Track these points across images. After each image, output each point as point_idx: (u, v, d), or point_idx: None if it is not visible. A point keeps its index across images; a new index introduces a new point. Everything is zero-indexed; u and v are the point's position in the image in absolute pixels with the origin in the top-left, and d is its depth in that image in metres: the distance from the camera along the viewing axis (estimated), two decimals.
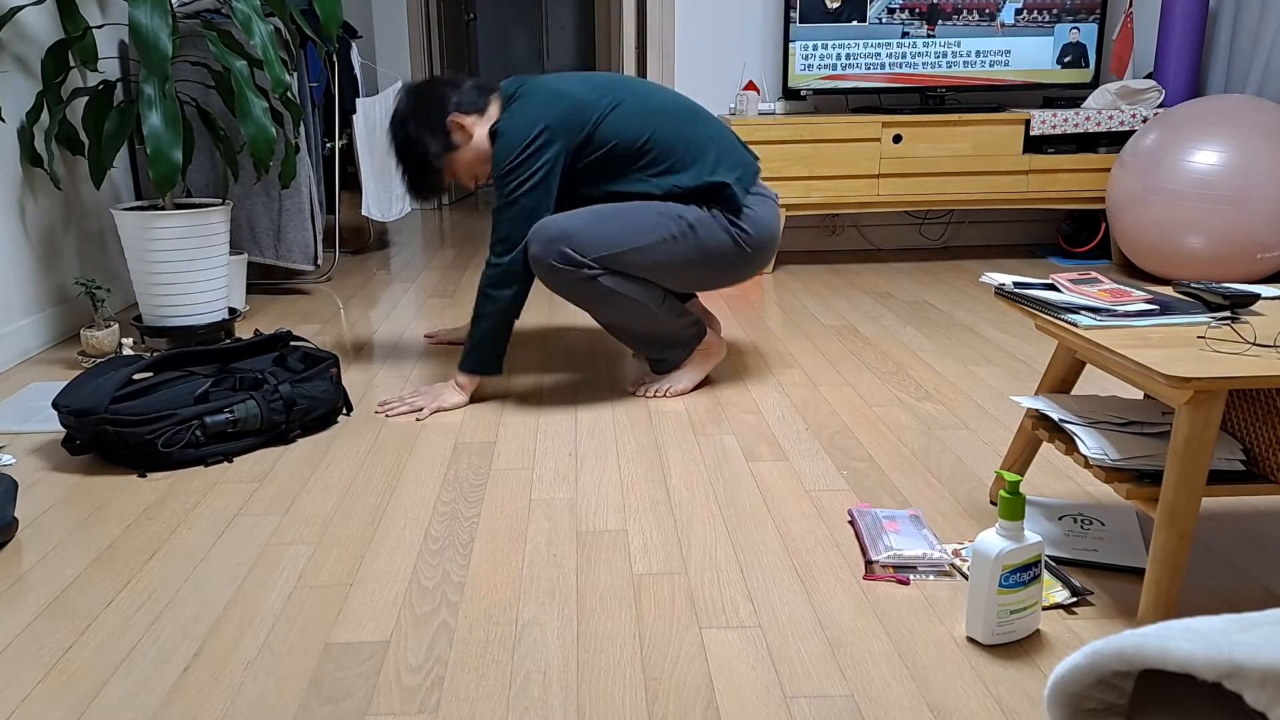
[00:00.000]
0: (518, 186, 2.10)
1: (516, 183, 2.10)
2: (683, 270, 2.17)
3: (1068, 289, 1.52)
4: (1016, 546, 1.24)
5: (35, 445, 2.03)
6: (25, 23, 2.69)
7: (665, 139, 2.15)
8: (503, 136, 2.12)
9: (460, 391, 2.21)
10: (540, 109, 2.12)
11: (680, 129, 2.17)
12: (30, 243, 2.67)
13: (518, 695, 1.19)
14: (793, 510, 1.68)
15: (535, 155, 2.10)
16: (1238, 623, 0.57)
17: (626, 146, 2.14)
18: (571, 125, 2.12)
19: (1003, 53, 3.68)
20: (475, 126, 2.22)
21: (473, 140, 2.22)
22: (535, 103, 2.14)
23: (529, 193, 2.10)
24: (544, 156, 2.10)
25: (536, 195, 2.10)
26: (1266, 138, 2.98)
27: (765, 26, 3.84)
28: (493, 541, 1.58)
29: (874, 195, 3.60)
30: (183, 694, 1.20)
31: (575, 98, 2.15)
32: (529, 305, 3.18)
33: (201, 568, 1.51)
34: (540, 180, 2.10)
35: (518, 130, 2.11)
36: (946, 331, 2.79)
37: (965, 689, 1.20)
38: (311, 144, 3.43)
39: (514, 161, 2.10)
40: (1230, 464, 1.35)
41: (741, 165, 2.21)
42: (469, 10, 6.07)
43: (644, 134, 2.15)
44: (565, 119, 2.12)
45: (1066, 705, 0.64)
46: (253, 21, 2.47)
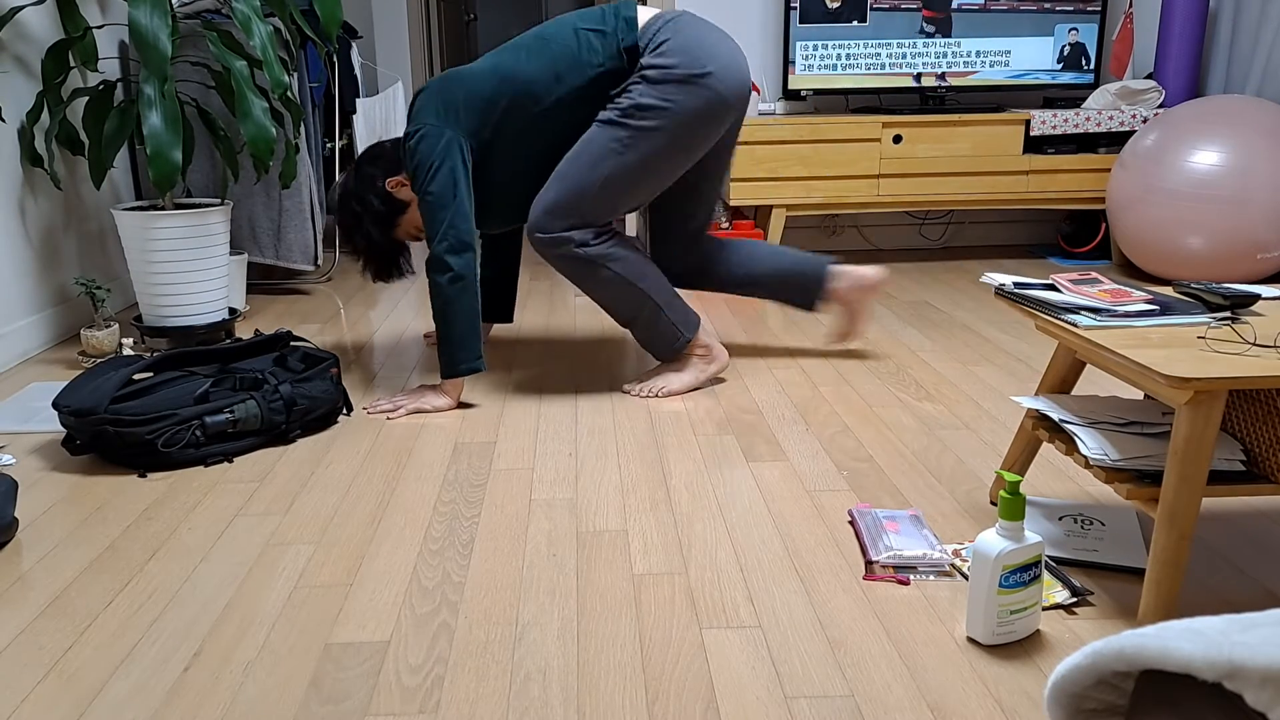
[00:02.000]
0: (422, 184, 2.13)
1: (421, 182, 2.14)
2: (669, 155, 2.14)
3: (1068, 289, 1.52)
4: (1016, 546, 1.24)
5: (35, 445, 2.03)
6: (25, 23, 2.69)
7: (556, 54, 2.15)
8: (406, 151, 2.18)
9: (444, 395, 2.20)
10: (425, 110, 2.18)
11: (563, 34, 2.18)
12: (30, 243, 2.67)
13: (518, 695, 1.19)
14: (793, 510, 1.68)
15: (427, 152, 2.12)
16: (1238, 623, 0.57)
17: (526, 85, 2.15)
18: (459, 106, 2.16)
19: (1003, 53, 3.68)
20: (407, 178, 2.27)
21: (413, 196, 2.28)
22: (422, 108, 2.19)
23: (431, 185, 2.12)
24: (436, 150, 2.12)
25: (440, 185, 2.11)
26: (1266, 138, 2.98)
27: (765, 26, 3.84)
28: (493, 541, 1.58)
29: (874, 195, 3.60)
30: (183, 694, 1.20)
31: (453, 81, 2.19)
32: (528, 306, 3.18)
33: (201, 568, 1.51)
34: (440, 170, 2.12)
35: (408, 138, 2.17)
36: (946, 331, 2.79)
37: (965, 689, 1.20)
38: (311, 144, 3.43)
39: (414, 165, 2.15)
40: (1230, 464, 1.35)
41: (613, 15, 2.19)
42: (469, 10, 6.07)
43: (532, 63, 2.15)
44: (446, 105, 2.16)
45: (1067, 705, 0.64)
46: (252, 22, 2.47)
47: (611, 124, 2.13)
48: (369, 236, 2.30)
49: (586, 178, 2.12)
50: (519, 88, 2.16)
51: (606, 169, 2.12)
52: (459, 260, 2.11)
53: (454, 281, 2.11)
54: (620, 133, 2.12)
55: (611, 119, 2.13)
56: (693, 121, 2.13)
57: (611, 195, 2.14)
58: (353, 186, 2.29)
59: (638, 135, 2.11)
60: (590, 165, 2.12)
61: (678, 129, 2.12)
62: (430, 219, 2.12)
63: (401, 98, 3.96)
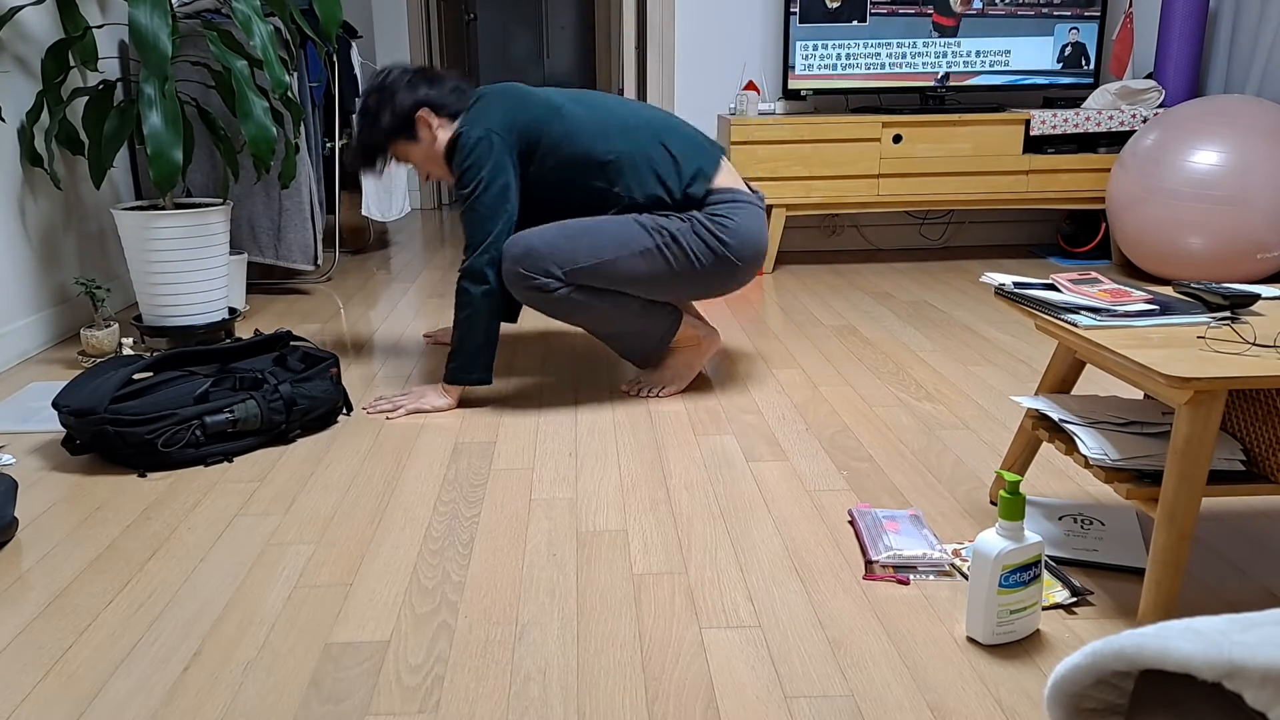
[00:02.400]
0: (473, 191, 2.12)
1: (472, 187, 2.12)
2: (666, 283, 2.16)
3: (1068, 289, 1.52)
4: (1016, 546, 1.24)
5: (35, 445, 2.03)
6: (25, 23, 2.69)
7: (631, 149, 2.17)
8: (458, 143, 2.15)
9: (445, 395, 2.20)
10: (490, 113, 2.16)
11: (648, 137, 2.19)
12: (30, 243, 2.67)
13: (518, 695, 1.19)
14: (793, 510, 1.68)
15: (483, 158, 2.12)
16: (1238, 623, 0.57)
17: (587, 153, 2.16)
18: (520, 127, 2.15)
19: (1003, 53, 3.68)
20: (440, 129, 2.24)
21: (435, 142, 2.25)
22: (486, 108, 2.17)
23: (483, 195, 2.11)
24: (492, 159, 2.12)
25: (492, 197, 2.11)
26: (1266, 138, 2.98)
27: (765, 26, 3.84)
28: (493, 541, 1.58)
29: (874, 195, 3.60)
30: (183, 694, 1.20)
31: (527, 101, 2.18)
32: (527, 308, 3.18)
33: (201, 568, 1.51)
34: (494, 182, 2.11)
35: (468, 136, 2.14)
36: (946, 331, 2.79)
37: (965, 689, 1.20)
38: (311, 144, 3.43)
39: (466, 165, 2.13)
40: (1230, 464, 1.35)
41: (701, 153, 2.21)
42: (469, 10, 6.07)
43: (607, 141, 2.16)
44: (512, 121, 2.15)
45: (1066, 705, 0.64)
46: (253, 21, 2.47)
47: (645, 230, 2.12)
48: (375, 128, 2.25)
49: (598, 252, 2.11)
50: (583, 160, 2.16)
51: (618, 253, 2.11)
52: (497, 278, 2.12)
53: (487, 295, 2.12)
54: (665, 239, 2.12)
55: (648, 227, 2.13)
56: (708, 283, 2.18)
57: (602, 274, 2.12)
58: (396, 81, 2.24)
59: (675, 253, 2.13)
60: (609, 243, 2.11)
61: (704, 274, 2.16)
62: (477, 227, 2.12)
63: None
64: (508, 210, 2.13)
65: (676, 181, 2.18)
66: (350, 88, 3.98)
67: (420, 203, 5.53)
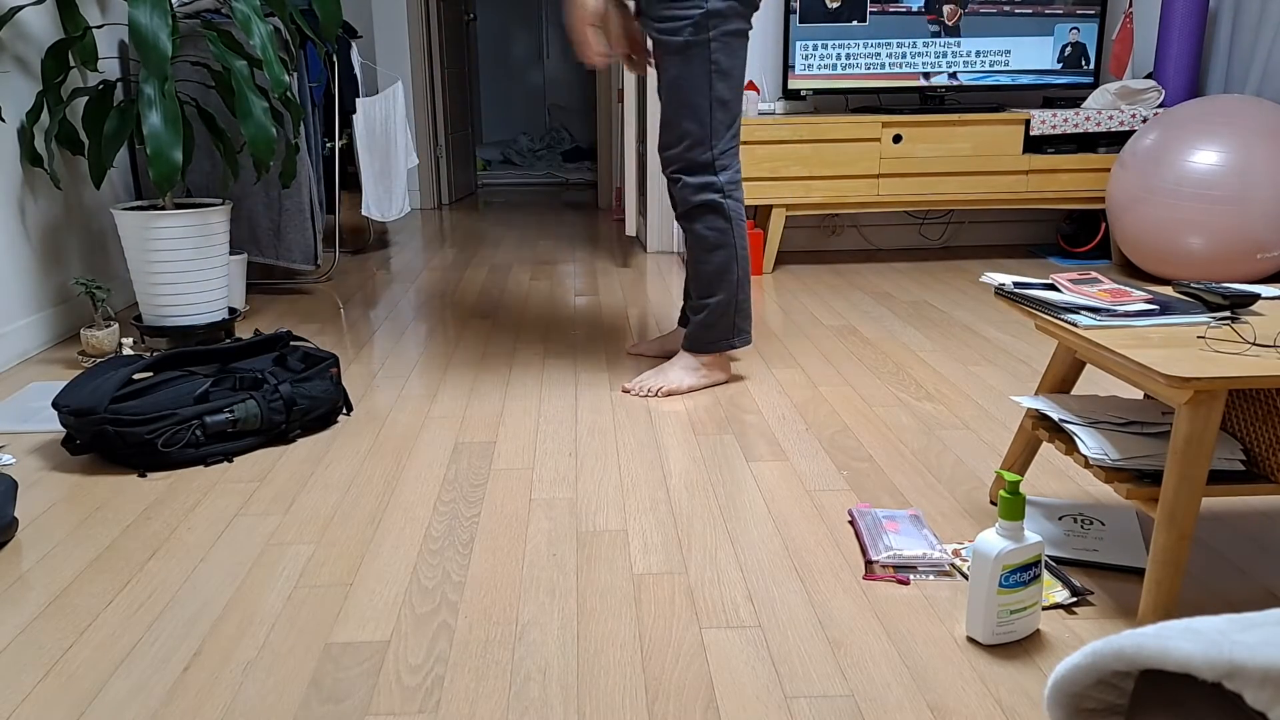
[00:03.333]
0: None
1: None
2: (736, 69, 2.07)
3: (1068, 289, 1.52)
4: (1016, 546, 1.24)
5: (35, 445, 2.03)
6: (25, 23, 2.69)
7: None
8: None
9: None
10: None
11: None
12: (30, 243, 2.67)
13: (518, 695, 1.19)
14: (793, 510, 1.68)
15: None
16: (1238, 623, 0.57)
17: None
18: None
19: (1003, 53, 3.68)
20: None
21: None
22: None
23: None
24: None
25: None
26: (1266, 138, 2.98)
27: (765, 26, 3.84)
28: (493, 541, 1.58)
29: (874, 195, 3.60)
30: (183, 694, 1.20)
31: None
32: (528, 307, 3.18)
33: (201, 568, 1.51)
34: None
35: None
36: (946, 331, 2.79)
37: (965, 689, 1.20)
38: (311, 144, 3.43)
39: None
40: (1230, 464, 1.35)
41: None
42: (469, 10, 6.07)
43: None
44: None
45: (1066, 705, 0.64)
46: (252, 21, 2.47)
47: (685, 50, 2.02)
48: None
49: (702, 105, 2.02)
50: None
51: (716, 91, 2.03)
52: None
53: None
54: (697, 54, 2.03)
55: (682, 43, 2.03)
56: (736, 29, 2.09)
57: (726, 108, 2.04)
58: None
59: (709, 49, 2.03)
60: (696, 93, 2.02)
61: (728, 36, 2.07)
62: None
63: (401, 98, 3.96)
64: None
65: None
66: (350, 88, 3.98)
67: (420, 203, 5.53)
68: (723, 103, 2.07)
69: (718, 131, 2.07)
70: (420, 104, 5.34)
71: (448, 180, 5.65)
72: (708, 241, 2.16)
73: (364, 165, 3.88)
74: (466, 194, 6.07)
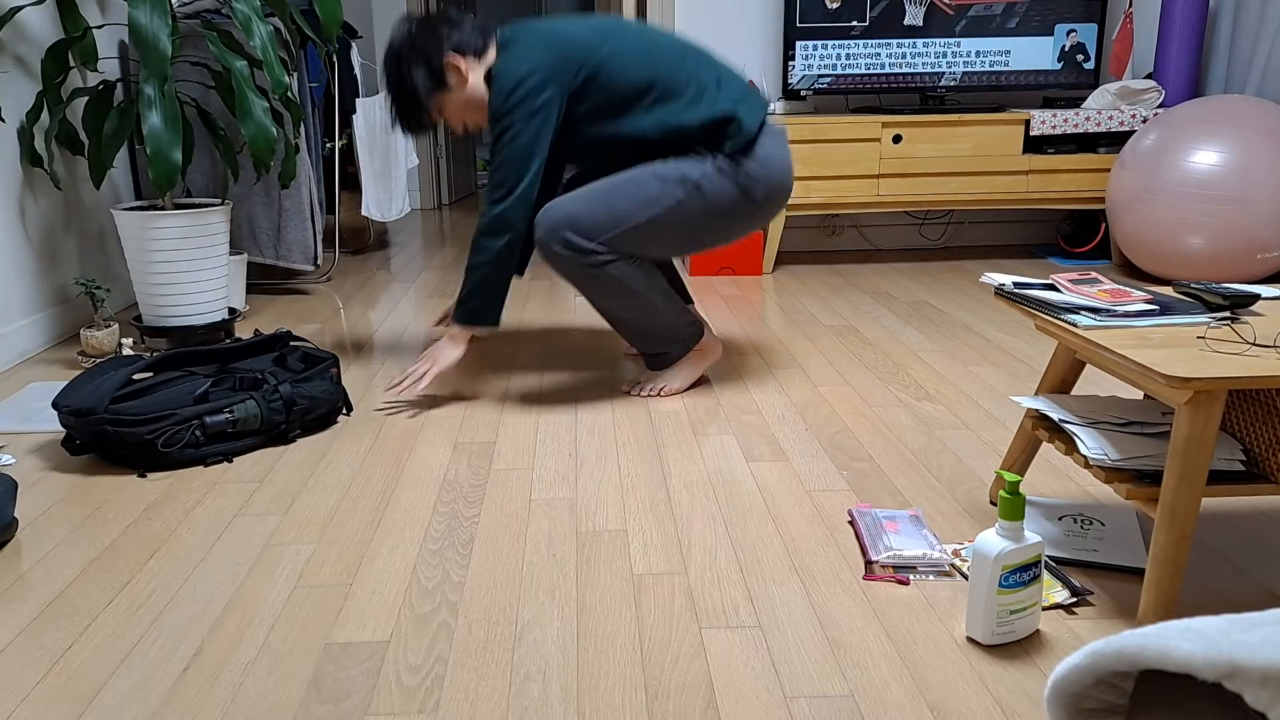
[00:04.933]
0: (511, 130, 2.07)
1: (510, 127, 2.07)
2: (694, 232, 2.15)
3: (1068, 289, 1.52)
4: (1016, 546, 1.24)
5: (35, 445, 2.03)
6: (25, 23, 2.69)
7: (665, 75, 2.11)
8: (498, 80, 2.08)
9: (455, 343, 2.19)
10: (535, 52, 2.08)
11: (681, 64, 2.14)
12: (30, 243, 2.67)
13: (518, 695, 1.19)
14: (793, 510, 1.68)
15: (530, 98, 2.06)
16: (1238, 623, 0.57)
17: (626, 86, 2.10)
18: (567, 68, 2.09)
19: (1003, 53, 3.68)
20: (471, 70, 2.17)
21: (468, 84, 2.18)
22: (530, 46, 2.10)
23: (522, 137, 2.06)
24: (539, 100, 2.07)
25: (530, 139, 2.07)
26: (1266, 138, 2.98)
27: (765, 26, 3.84)
28: (493, 541, 1.58)
29: (874, 195, 3.60)
30: (183, 694, 1.20)
31: (571, 39, 2.11)
32: (528, 306, 3.18)
33: (201, 568, 1.51)
34: (534, 124, 2.07)
35: (513, 74, 2.07)
36: (946, 331, 2.79)
37: (965, 689, 1.20)
38: (311, 144, 3.43)
39: (509, 105, 2.06)
40: (1230, 464, 1.35)
41: (747, 96, 2.16)
42: (469, 10, 6.08)
43: (644, 71, 2.11)
44: (561, 61, 2.09)
45: (1067, 705, 0.64)
46: (253, 22, 2.47)
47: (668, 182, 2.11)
48: (408, 90, 2.18)
49: (631, 214, 2.10)
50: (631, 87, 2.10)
51: (650, 213, 2.10)
52: (523, 224, 2.09)
53: (510, 246, 2.09)
54: (689, 189, 2.11)
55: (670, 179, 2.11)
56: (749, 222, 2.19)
57: (638, 236, 2.11)
58: (418, 35, 2.16)
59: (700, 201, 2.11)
60: (639, 203, 2.10)
61: (729, 217, 2.16)
62: (510, 169, 2.06)
63: None
64: (540, 156, 2.08)
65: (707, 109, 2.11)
66: (350, 88, 3.98)
67: (420, 203, 5.53)
68: None
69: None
70: None
71: (447, 180, 5.65)
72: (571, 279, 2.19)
73: (364, 165, 3.88)
74: (466, 194, 6.07)
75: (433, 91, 2.18)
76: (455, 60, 2.15)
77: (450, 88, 2.18)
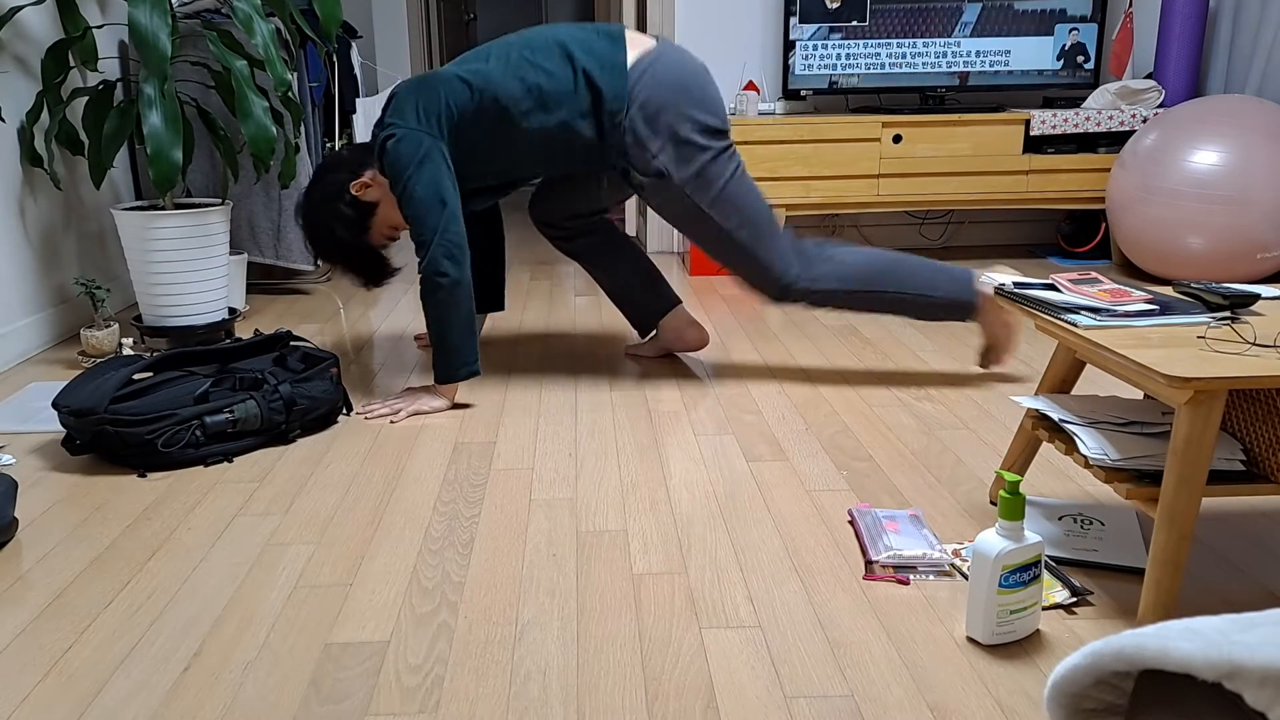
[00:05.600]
0: (406, 189, 2.09)
1: (404, 187, 2.10)
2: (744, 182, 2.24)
3: (1068, 289, 1.52)
4: (1016, 546, 1.24)
5: (35, 445, 2.03)
6: (25, 23, 2.69)
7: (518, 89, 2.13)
8: (384, 160, 2.13)
9: (440, 397, 2.19)
10: (402, 112, 2.13)
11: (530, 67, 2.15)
12: (30, 243, 2.67)
13: (518, 695, 1.19)
14: (793, 510, 1.68)
15: (407, 156, 2.09)
16: (1238, 623, 0.57)
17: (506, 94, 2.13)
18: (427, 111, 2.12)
19: (1003, 53, 3.68)
20: (376, 177, 2.23)
21: (382, 189, 2.23)
22: (397, 108, 2.14)
23: (417, 189, 2.08)
24: (418, 151, 2.10)
25: (425, 187, 2.08)
26: (1266, 138, 2.98)
27: (765, 26, 3.84)
28: (493, 541, 1.58)
29: (874, 195, 3.60)
30: (183, 694, 1.21)
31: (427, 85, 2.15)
32: (528, 306, 3.18)
33: (201, 568, 1.51)
34: (425, 174, 2.09)
35: (391, 147, 2.11)
36: (947, 331, 2.79)
37: (965, 689, 1.20)
38: (311, 144, 3.43)
39: (395, 170, 2.11)
40: (1230, 464, 1.35)
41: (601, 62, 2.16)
42: (469, 10, 6.07)
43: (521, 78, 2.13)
44: (418, 110, 2.12)
45: (1066, 705, 0.64)
46: (254, 21, 2.47)
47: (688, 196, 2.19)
48: (344, 245, 2.25)
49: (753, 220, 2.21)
50: (501, 107, 2.14)
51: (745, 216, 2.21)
52: (455, 266, 2.09)
53: (453, 288, 2.10)
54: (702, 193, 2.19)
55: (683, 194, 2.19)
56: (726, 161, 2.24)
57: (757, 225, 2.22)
58: (317, 197, 2.23)
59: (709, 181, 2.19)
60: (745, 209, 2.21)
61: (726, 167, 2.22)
62: (421, 225, 2.09)
63: None
64: (446, 200, 2.10)
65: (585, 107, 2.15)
66: (350, 87, 3.98)
67: None
68: None
69: None
70: None
71: None
72: None
73: None
74: None
75: (365, 225, 2.25)
76: (360, 186, 2.22)
77: (375, 204, 2.25)
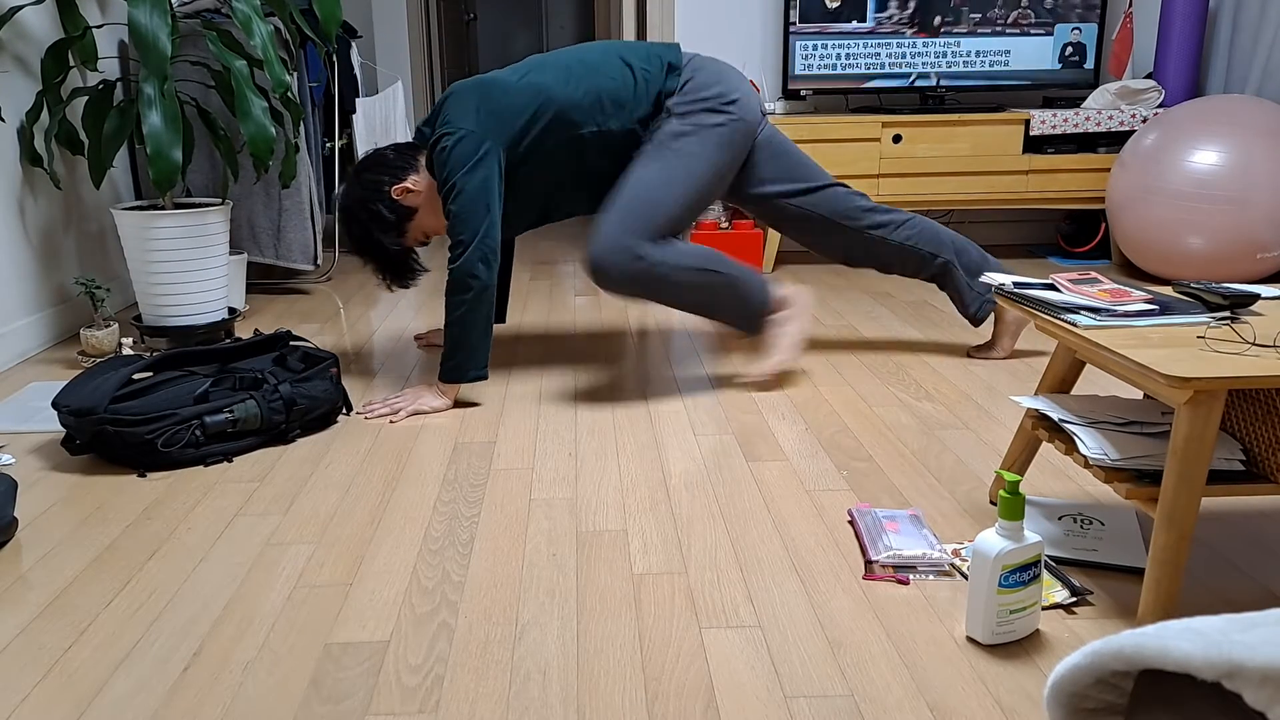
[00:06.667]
0: (455, 188, 2.11)
1: (454, 185, 2.12)
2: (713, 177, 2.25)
3: (1068, 289, 1.52)
4: (1016, 546, 1.24)
5: (35, 445, 2.03)
6: (25, 23, 2.69)
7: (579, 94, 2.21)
8: (436, 157, 2.16)
9: (441, 396, 2.20)
10: (462, 112, 2.16)
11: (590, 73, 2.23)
12: (30, 243, 2.67)
13: (518, 695, 1.19)
14: (793, 510, 1.68)
15: (462, 158, 2.12)
16: (1238, 623, 0.57)
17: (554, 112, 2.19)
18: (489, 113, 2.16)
19: (1003, 53, 3.68)
20: (417, 184, 2.24)
21: (423, 192, 2.25)
22: (458, 106, 2.17)
23: (467, 189, 2.11)
24: (477, 152, 2.12)
25: (475, 189, 2.11)
26: (1266, 138, 2.98)
27: (765, 26, 3.84)
28: (493, 541, 1.58)
29: (874, 195, 3.60)
30: (183, 694, 1.21)
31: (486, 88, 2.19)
32: (528, 306, 3.18)
33: (201, 568, 1.51)
34: (477, 176, 2.11)
35: (443, 144, 2.14)
36: (947, 332, 2.79)
37: (965, 689, 1.20)
38: (311, 144, 3.43)
39: (448, 168, 2.13)
40: (1230, 464, 1.35)
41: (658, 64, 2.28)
42: (469, 10, 6.07)
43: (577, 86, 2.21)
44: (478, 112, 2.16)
45: (1066, 705, 0.64)
46: (253, 21, 2.47)
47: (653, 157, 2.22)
48: (381, 247, 2.26)
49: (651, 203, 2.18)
50: (560, 111, 2.19)
51: (662, 194, 2.19)
52: (487, 271, 2.11)
53: (482, 291, 2.11)
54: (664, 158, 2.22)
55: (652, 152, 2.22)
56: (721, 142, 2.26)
57: (668, 217, 2.20)
58: (358, 195, 2.24)
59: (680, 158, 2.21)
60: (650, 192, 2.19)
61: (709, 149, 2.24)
62: (463, 225, 2.10)
63: (401, 98, 3.96)
64: (492, 206, 2.12)
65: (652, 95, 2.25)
66: (350, 87, 3.98)
67: None
68: None
69: None
70: (420, 104, 5.34)
71: None
72: None
73: None
74: None
75: (403, 229, 2.26)
76: (401, 190, 2.23)
77: (414, 209, 2.26)
